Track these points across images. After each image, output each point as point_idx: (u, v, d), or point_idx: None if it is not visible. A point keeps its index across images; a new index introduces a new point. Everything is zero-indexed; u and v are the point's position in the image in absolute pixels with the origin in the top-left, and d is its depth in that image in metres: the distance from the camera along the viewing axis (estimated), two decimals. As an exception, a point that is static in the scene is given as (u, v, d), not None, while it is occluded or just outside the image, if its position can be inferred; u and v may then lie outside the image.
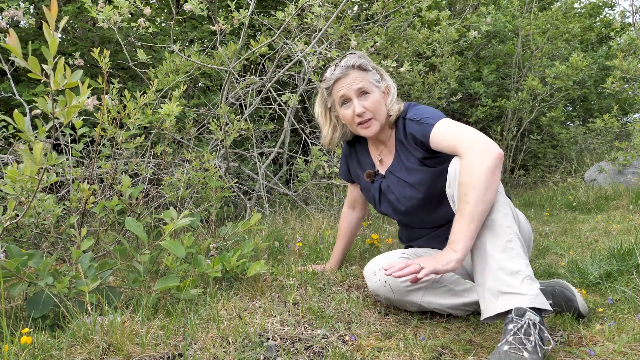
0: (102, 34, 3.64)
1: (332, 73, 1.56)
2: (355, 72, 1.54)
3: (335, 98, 1.59)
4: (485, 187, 1.26)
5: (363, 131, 1.56)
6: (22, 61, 1.06)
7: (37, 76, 1.08)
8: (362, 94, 1.54)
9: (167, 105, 1.93)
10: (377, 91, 1.56)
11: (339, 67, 1.55)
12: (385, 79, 1.61)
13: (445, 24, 4.00)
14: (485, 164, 1.27)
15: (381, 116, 1.55)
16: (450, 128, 1.42)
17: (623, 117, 7.48)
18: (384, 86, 1.58)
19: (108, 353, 1.10)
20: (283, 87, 4.19)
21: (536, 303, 1.17)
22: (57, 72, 1.09)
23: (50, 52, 1.07)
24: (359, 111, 1.52)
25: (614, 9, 7.93)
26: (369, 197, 1.75)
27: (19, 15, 2.03)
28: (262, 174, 3.34)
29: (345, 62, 1.55)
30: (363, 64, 1.55)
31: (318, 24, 2.97)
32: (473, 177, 1.27)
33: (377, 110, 1.54)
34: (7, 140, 2.65)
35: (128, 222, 1.49)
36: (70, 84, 1.12)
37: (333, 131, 1.70)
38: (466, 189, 1.27)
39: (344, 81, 1.54)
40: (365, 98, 1.53)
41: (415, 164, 1.54)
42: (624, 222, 3.01)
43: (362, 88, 1.53)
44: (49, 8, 1.05)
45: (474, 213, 1.25)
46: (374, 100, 1.53)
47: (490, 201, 1.27)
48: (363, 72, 1.55)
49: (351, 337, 1.29)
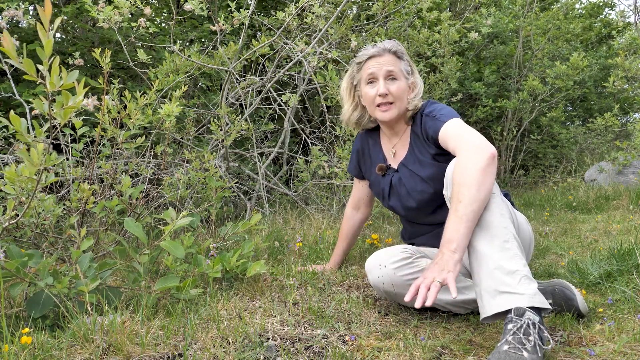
0: (102, 34, 3.64)
1: (368, 50, 1.60)
2: (390, 56, 1.58)
3: (363, 75, 1.62)
4: (478, 186, 1.26)
5: (380, 114, 1.59)
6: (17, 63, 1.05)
7: (33, 78, 1.08)
8: (390, 77, 1.57)
9: (168, 106, 1.93)
10: (404, 81, 1.59)
11: (375, 46, 1.59)
12: (415, 75, 1.64)
13: (446, 24, 4.00)
14: (476, 163, 1.29)
15: (402, 104, 1.58)
16: (455, 128, 1.44)
17: (623, 117, 7.48)
18: (412, 81, 1.62)
19: (108, 353, 1.10)
20: (283, 87, 4.19)
21: (534, 302, 1.17)
22: (52, 72, 1.08)
23: (45, 53, 1.06)
24: (382, 91, 1.55)
25: (614, 8, 7.93)
26: (377, 191, 1.75)
27: (18, 15, 2.03)
28: (262, 174, 3.34)
29: (382, 44, 1.59)
30: (399, 51, 1.60)
31: (318, 24, 2.97)
32: (465, 176, 1.29)
33: (400, 97, 1.57)
34: (7, 141, 2.65)
35: (127, 223, 1.49)
36: (66, 85, 1.11)
37: (353, 110, 1.73)
38: (459, 187, 1.29)
39: (377, 60, 1.58)
40: (392, 82, 1.57)
41: (429, 159, 1.57)
42: (624, 222, 3.01)
43: (391, 72, 1.56)
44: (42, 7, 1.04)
45: (468, 212, 1.25)
46: (399, 87, 1.57)
47: (484, 200, 1.27)
48: (397, 59, 1.59)
49: (351, 337, 1.29)
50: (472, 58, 5.89)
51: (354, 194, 1.93)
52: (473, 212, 1.25)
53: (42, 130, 1.24)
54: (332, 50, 3.02)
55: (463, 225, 1.24)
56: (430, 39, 4.00)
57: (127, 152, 2.41)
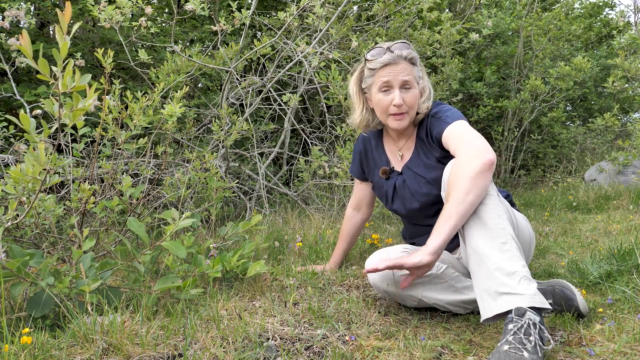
0: (103, 35, 3.65)
1: (382, 57, 1.54)
2: (406, 63, 1.54)
3: (376, 80, 1.56)
4: (468, 189, 1.27)
5: (393, 122, 1.56)
6: (33, 62, 1.07)
7: (46, 78, 1.09)
8: (405, 87, 1.54)
9: (170, 106, 1.93)
10: (417, 88, 1.56)
11: (390, 52, 1.53)
12: (425, 79, 1.61)
13: (448, 25, 4.00)
14: (472, 167, 1.29)
15: (414, 112, 1.57)
16: (458, 130, 1.45)
17: (623, 117, 7.48)
18: (422, 85, 1.59)
19: (108, 353, 1.11)
20: (283, 87, 4.19)
21: (535, 302, 1.17)
22: (66, 74, 1.10)
23: (60, 54, 1.09)
24: (397, 102, 1.52)
25: (614, 8, 7.93)
26: (381, 194, 1.75)
27: (20, 15, 2.03)
28: (262, 174, 3.34)
29: (398, 50, 1.53)
30: (414, 58, 1.56)
31: (319, 25, 2.97)
32: (458, 177, 1.30)
33: (413, 106, 1.55)
34: (8, 140, 2.65)
35: (130, 223, 1.49)
36: (78, 87, 1.13)
37: (363, 114, 1.69)
38: (451, 187, 1.31)
39: (392, 68, 1.53)
40: (407, 92, 1.54)
41: (434, 162, 1.56)
42: (624, 222, 3.01)
43: (407, 81, 1.53)
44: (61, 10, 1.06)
45: (453, 211, 1.27)
46: (413, 95, 1.54)
47: (472, 203, 1.28)
48: (412, 66, 1.55)
49: (351, 337, 1.29)
50: (472, 58, 5.89)
51: (355, 195, 1.92)
52: (459, 213, 1.27)
53: (50, 131, 1.25)
54: (333, 50, 3.02)
55: (446, 222, 1.27)
56: (430, 39, 4.00)
57: (127, 152, 2.41)
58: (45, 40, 3.75)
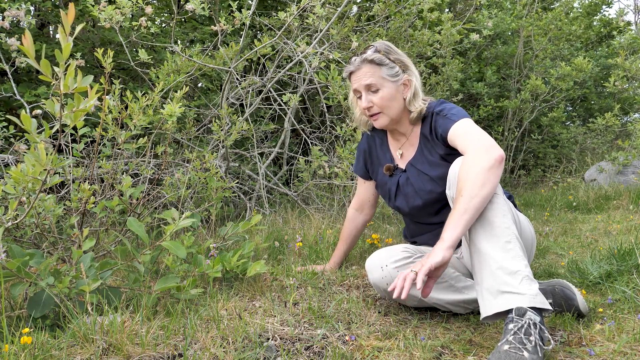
0: (103, 35, 3.65)
1: (348, 66, 1.61)
2: (368, 66, 1.55)
3: (350, 88, 1.64)
4: (481, 183, 1.27)
5: (373, 122, 1.63)
6: (35, 63, 1.07)
7: (48, 78, 1.09)
8: (371, 90, 1.57)
9: (170, 106, 1.93)
10: (390, 86, 1.56)
11: (355, 59, 1.58)
12: (409, 72, 1.59)
13: (448, 25, 4.00)
14: (483, 163, 1.30)
15: (392, 110, 1.58)
16: (465, 128, 1.45)
17: (623, 117, 7.47)
18: (405, 79, 1.58)
19: (108, 353, 1.11)
20: (283, 87, 4.19)
21: (536, 302, 1.17)
22: (68, 75, 1.11)
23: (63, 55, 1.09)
24: (364, 105, 1.58)
25: (611, 6, 7.93)
26: (384, 192, 1.75)
27: (20, 15, 2.03)
28: (262, 174, 3.34)
29: (361, 56, 1.57)
30: (377, 58, 1.55)
31: (319, 25, 2.97)
32: (470, 173, 1.29)
33: (386, 105, 1.57)
34: (8, 140, 2.65)
35: (130, 223, 1.49)
36: (80, 89, 1.13)
37: (359, 114, 1.74)
38: (462, 183, 1.30)
39: (356, 75, 1.58)
40: (374, 94, 1.56)
41: (438, 159, 1.57)
42: (624, 222, 3.01)
43: (370, 84, 1.55)
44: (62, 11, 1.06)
45: (467, 206, 1.26)
46: (382, 97, 1.56)
47: (486, 197, 1.27)
48: (376, 67, 1.55)
49: (351, 337, 1.29)
50: (473, 58, 5.89)
51: (359, 195, 1.92)
52: (473, 207, 1.25)
53: (51, 131, 1.25)
54: (334, 50, 3.02)
55: (461, 217, 1.25)
56: (431, 39, 4.00)
57: (127, 152, 2.41)
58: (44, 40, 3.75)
